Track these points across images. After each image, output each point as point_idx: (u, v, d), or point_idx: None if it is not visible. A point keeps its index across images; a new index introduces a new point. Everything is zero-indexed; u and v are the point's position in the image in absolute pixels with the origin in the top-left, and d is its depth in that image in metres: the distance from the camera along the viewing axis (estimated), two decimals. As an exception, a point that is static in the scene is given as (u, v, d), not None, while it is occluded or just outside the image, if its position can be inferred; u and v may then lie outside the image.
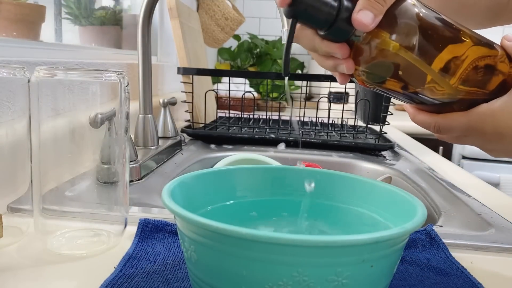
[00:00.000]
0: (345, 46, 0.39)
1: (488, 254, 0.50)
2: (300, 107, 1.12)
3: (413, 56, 0.38)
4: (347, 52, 0.39)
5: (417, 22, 0.38)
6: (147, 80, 0.82)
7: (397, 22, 0.38)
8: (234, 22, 1.69)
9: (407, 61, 0.38)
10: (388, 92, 0.41)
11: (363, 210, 0.44)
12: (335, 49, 0.39)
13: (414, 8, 0.38)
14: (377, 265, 0.31)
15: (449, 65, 0.38)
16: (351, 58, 0.40)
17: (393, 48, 0.38)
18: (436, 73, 0.38)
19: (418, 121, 0.44)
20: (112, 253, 0.45)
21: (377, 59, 0.39)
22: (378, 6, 0.37)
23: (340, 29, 0.38)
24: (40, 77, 0.43)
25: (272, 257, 0.29)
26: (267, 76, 1.15)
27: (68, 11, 1.11)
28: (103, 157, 0.48)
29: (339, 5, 0.37)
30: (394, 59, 0.38)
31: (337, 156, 0.98)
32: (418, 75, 0.38)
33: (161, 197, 0.35)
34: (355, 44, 0.39)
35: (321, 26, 0.38)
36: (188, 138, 1.07)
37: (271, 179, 0.47)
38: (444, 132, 0.43)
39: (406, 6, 0.38)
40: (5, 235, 0.46)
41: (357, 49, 0.39)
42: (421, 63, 0.38)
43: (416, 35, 0.38)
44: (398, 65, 0.38)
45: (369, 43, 0.38)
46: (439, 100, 0.40)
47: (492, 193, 0.76)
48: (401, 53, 0.38)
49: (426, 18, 0.38)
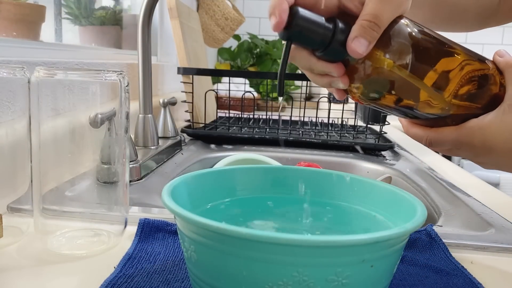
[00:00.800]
0: (340, 65, 0.41)
1: (488, 254, 0.50)
2: (300, 107, 1.12)
3: (407, 73, 0.39)
4: (343, 71, 0.41)
5: (410, 41, 0.39)
6: (147, 80, 0.82)
7: (391, 41, 0.39)
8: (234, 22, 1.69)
9: (401, 78, 0.39)
10: (383, 108, 0.42)
11: (363, 210, 0.44)
12: (331, 68, 0.41)
13: (407, 28, 0.39)
14: (377, 265, 0.31)
15: (442, 81, 0.39)
16: (346, 75, 0.41)
17: (387, 66, 0.39)
18: (430, 88, 0.39)
19: (411, 134, 0.45)
20: (112, 253, 0.45)
21: (372, 77, 0.40)
22: (372, 33, 0.38)
23: (336, 50, 0.39)
24: (40, 77, 0.43)
25: (272, 257, 0.29)
26: (267, 76, 1.15)
27: (68, 11, 1.11)
28: (103, 157, 0.48)
29: (334, 27, 0.39)
30: (389, 76, 0.39)
31: (337, 156, 0.98)
32: (412, 91, 0.40)
33: (161, 197, 0.35)
34: (350, 62, 0.41)
35: (316, 47, 0.39)
36: (188, 138, 1.07)
37: (271, 179, 0.47)
38: (435, 145, 0.44)
39: (399, 26, 0.39)
40: (5, 235, 0.46)
41: (352, 67, 0.41)
42: (415, 79, 0.39)
43: (409, 53, 0.39)
44: (392, 82, 0.39)
45: (364, 62, 0.40)
46: (432, 114, 0.41)
47: (492, 193, 0.76)
48: (395, 71, 0.39)
49: (418, 37, 0.39)
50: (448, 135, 0.42)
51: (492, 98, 0.41)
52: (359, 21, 0.38)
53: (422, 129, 0.44)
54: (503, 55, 0.42)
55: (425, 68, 0.39)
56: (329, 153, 0.99)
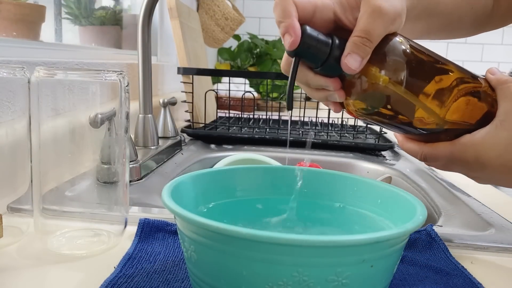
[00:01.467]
0: (337, 79, 0.42)
1: (488, 254, 0.50)
2: (300, 107, 1.12)
3: (402, 89, 0.40)
4: (339, 85, 0.42)
5: (404, 58, 0.40)
6: (147, 80, 0.82)
7: (386, 58, 0.40)
8: (234, 22, 1.69)
9: (396, 94, 0.40)
10: (378, 122, 0.43)
11: (363, 210, 0.44)
12: (328, 82, 0.42)
13: (401, 45, 0.40)
14: (377, 265, 0.31)
15: (436, 97, 0.40)
16: (342, 90, 0.42)
17: (382, 82, 0.40)
18: (424, 104, 0.40)
19: (406, 149, 0.46)
20: (112, 253, 0.45)
21: (368, 92, 0.41)
22: (365, 48, 0.39)
23: (333, 66, 0.40)
24: (40, 77, 0.43)
25: (272, 257, 0.29)
26: (267, 76, 1.15)
27: (68, 11, 1.11)
28: (103, 157, 0.48)
29: (331, 43, 0.40)
30: (384, 92, 0.40)
31: (337, 156, 0.98)
32: (406, 107, 0.40)
33: (161, 197, 0.35)
34: (346, 77, 0.42)
35: (316, 63, 0.41)
36: (188, 138, 1.07)
37: (271, 179, 0.47)
38: (430, 160, 0.45)
39: (393, 43, 0.40)
40: (5, 235, 0.46)
41: (348, 81, 0.42)
42: (410, 95, 0.40)
43: (404, 70, 0.40)
44: (387, 98, 0.40)
45: (360, 77, 0.41)
46: (426, 130, 0.42)
47: (492, 193, 0.76)
48: (390, 87, 0.40)
49: (413, 54, 0.40)
50: (442, 151, 0.43)
51: (485, 114, 0.42)
52: (352, 38, 0.39)
53: (417, 144, 0.45)
54: (494, 73, 0.44)
55: (419, 84, 0.40)
56: (329, 153, 0.99)
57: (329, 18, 0.41)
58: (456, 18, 0.53)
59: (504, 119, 0.41)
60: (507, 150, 0.40)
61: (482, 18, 0.56)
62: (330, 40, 0.40)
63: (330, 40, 0.40)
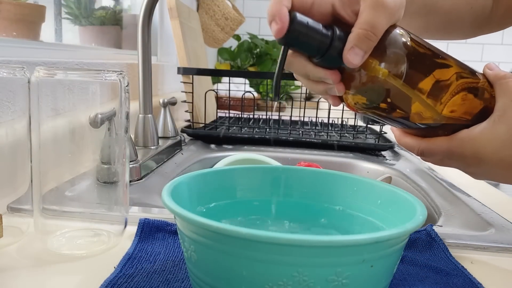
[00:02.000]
0: (336, 72, 0.41)
1: (488, 254, 0.50)
2: (300, 107, 1.12)
3: (401, 83, 0.39)
4: (339, 78, 0.41)
5: (404, 50, 0.39)
6: (147, 80, 0.82)
7: (386, 51, 0.39)
8: (234, 22, 1.69)
9: (395, 87, 0.40)
10: (376, 117, 0.43)
11: (363, 210, 0.44)
12: (328, 75, 0.41)
13: (402, 38, 0.40)
14: (377, 265, 0.31)
15: (435, 91, 0.40)
16: (342, 83, 0.41)
17: (382, 75, 0.39)
18: (422, 98, 0.40)
19: (403, 143, 0.46)
20: (112, 253, 0.45)
21: (367, 85, 0.40)
22: (368, 42, 0.38)
23: (333, 57, 0.39)
24: (40, 77, 0.43)
25: (272, 257, 0.29)
26: (267, 76, 1.15)
27: (68, 11, 1.11)
28: (103, 157, 0.48)
29: (332, 34, 0.39)
30: (383, 85, 0.40)
31: (337, 156, 0.98)
32: (405, 101, 0.40)
33: (161, 197, 0.35)
34: (346, 70, 0.41)
35: (314, 53, 0.40)
36: (188, 138, 1.07)
37: (271, 179, 0.47)
38: (427, 155, 0.44)
39: (394, 35, 0.40)
40: (5, 235, 0.46)
41: (348, 74, 0.41)
42: (409, 89, 0.40)
43: (404, 63, 0.39)
44: (386, 91, 0.40)
45: (360, 70, 0.40)
46: (424, 124, 0.42)
47: (492, 193, 0.76)
48: (389, 80, 0.39)
49: (413, 47, 0.40)
50: (440, 146, 0.43)
51: (483, 110, 0.42)
52: (356, 30, 0.38)
53: (414, 139, 0.45)
54: (492, 68, 0.43)
55: (418, 78, 0.40)
56: (329, 153, 0.99)
57: (327, 11, 0.40)
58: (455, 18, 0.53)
59: (501, 114, 0.41)
60: (505, 145, 0.40)
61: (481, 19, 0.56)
62: (329, 31, 0.39)
63: (330, 31, 0.39)
